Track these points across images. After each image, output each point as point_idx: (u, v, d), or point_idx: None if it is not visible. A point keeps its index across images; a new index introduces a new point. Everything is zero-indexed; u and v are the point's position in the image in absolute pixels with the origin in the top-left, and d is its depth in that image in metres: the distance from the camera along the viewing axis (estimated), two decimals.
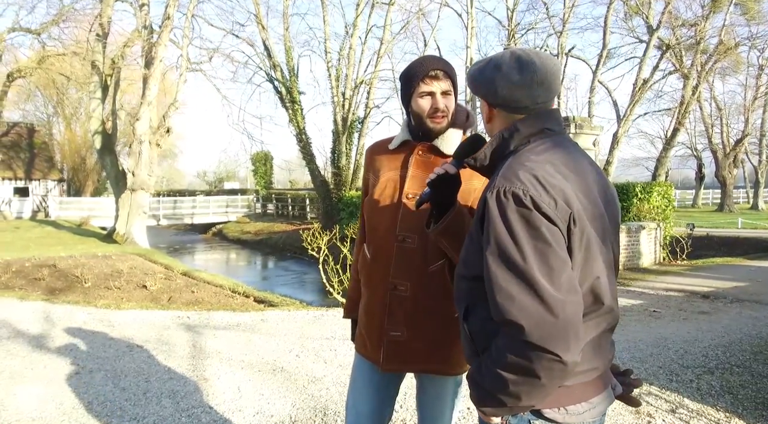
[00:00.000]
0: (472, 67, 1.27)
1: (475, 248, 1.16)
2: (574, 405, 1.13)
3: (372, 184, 1.78)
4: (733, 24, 21.16)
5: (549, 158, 1.12)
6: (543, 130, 1.19)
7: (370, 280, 1.72)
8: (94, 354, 4.26)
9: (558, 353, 1.00)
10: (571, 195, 1.08)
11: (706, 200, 35.01)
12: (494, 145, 1.21)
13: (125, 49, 16.47)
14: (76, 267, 9.35)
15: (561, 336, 1.00)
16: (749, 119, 27.05)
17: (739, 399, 3.35)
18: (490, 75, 1.19)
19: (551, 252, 1.02)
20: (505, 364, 1.04)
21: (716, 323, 5.33)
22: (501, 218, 1.05)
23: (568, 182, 1.09)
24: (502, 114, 1.22)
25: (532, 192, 1.05)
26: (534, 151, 1.14)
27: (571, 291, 1.02)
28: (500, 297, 1.03)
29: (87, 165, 34.13)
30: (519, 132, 1.18)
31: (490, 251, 1.06)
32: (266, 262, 19.09)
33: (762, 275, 8.34)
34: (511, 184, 1.07)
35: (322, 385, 3.57)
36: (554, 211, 1.05)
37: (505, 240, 1.04)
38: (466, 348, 1.23)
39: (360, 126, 18.42)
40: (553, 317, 0.99)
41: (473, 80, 1.23)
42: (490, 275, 1.06)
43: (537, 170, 1.08)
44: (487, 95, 1.21)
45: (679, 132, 20.50)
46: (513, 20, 19.47)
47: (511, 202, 1.05)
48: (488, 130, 1.29)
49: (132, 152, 14.58)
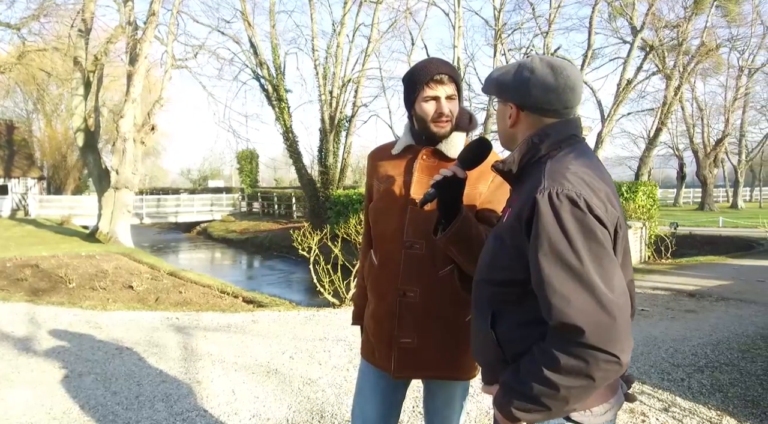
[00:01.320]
0: (497, 72, 1.26)
1: (508, 252, 1.15)
2: (598, 406, 1.16)
3: (376, 189, 1.76)
4: (715, 26, 21.55)
5: (586, 164, 1.13)
6: (571, 136, 1.21)
7: (378, 287, 1.70)
8: (82, 357, 4.18)
9: (616, 354, 1.01)
10: (614, 200, 1.11)
11: (687, 199, 35.61)
12: (524, 150, 1.21)
13: (109, 45, 16.16)
14: (59, 267, 9.17)
15: (618, 338, 1.01)
16: (729, 120, 27.54)
17: (729, 397, 3.41)
18: (524, 77, 1.20)
19: (605, 254, 1.04)
20: (558, 367, 1.03)
21: (703, 321, 5.42)
22: (555, 220, 1.05)
23: (608, 188, 1.11)
24: (531, 117, 1.22)
25: (585, 195, 1.06)
26: (570, 156, 1.15)
27: (623, 293, 1.04)
28: (556, 299, 1.03)
29: (68, 163, 33.55)
30: (549, 137, 1.19)
31: (542, 253, 1.05)
32: (252, 261, 18.93)
33: (744, 274, 8.50)
34: (563, 187, 1.07)
35: (317, 387, 3.55)
36: (605, 214, 1.07)
37: (560, 241, 1.03)
38: (488, 353, 1.22)
39: (347, 124, 18.35)
40: (611, 318, 1.00)
41: (499, 83, 1.23)
42: (543, 277, 1.05)
43: (584, 174, 1.10)
44: (517, 97, 1.21)
45: (662, 132, 20.82)
46: (500, 20, 19.55)
47: (565, 203, 1.05)
48: (507, 135, 1.29)
49: (116, 150, 14.34)
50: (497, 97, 1.26)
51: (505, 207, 1.27)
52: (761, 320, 5.44)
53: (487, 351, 1.22)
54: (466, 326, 1.57)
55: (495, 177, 1.66)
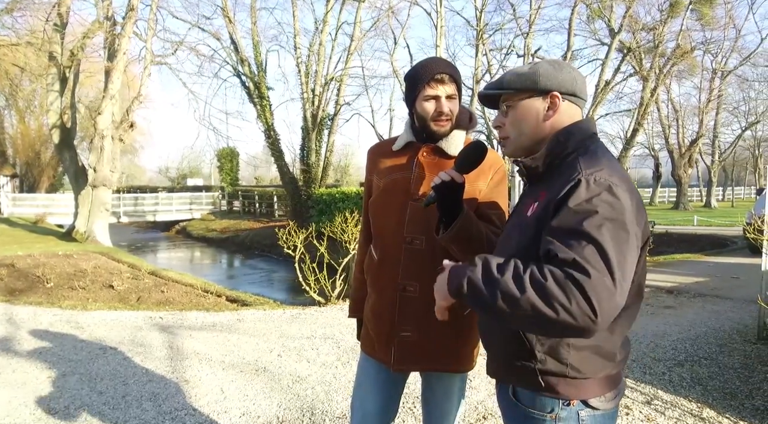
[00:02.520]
0: (532, 67, 1.29)
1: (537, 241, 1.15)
2: (610, 391, 1.22)
3: (376, 185, 1.78)
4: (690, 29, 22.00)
5: (618, 167, 1.17)
6: (593, 135, 1.26)
7: (379, 281, 1.72)
8: (65, 357, 4.11)
9: (597, 317, 0.96)
10: (639, 197, 1.14)
11: (662, 198, 36.39)
12: (551, 147, 1.24)
13: (85, 41, 15.83)
14: (36, 267, 8.97)
15: (609, 310, 0.98)
16: (703, 121, 28.18)
17: (709, 390, 3.51)
18: (567, 68, 1.27)
19: (629, 243, 1.04)
20: (542, 285, 0.98)
21: (682, 317, 5.56)
22: (590, 200, 1.06)
23: (637, 194, 1.16)
24: (571, 107, 1.28)
25: (620, 186, 1.09)
26: (602, 154, 1.19)
27: (627, 287, 1.04)
28: (575, 245, 1.01)
29: (42, 160, 32.74)
30: (574, 135, 1.23)
31: (571, 224, 1.04)
32: (232, 260, 18.76)
33: (719, 271, 8.75)
34: (601, 175, 1.10)
35: (307, 384, 3.55)
36: (635, 208, 1.10)
37: (590, 218, 1.04)
38: (509, 345, 1.24)
39: (330, 123, 18.27)
40: (614, 288, 0.98)
41: (538, 75, 1.25)
42: (563, 236, 1.04)
43: (618, 170, 1.14)
44: (566, 85, 1.25)
45: (638, 132, 21.18)
46: (481, 20, 19.67)
47: (603, 189, 1.08)
48: (536, 133, 1.29)
49: (93, 147, 14.06)
50: (534, 90, 1.26)
51: (528, 200, 1.26)
52: (737, 315, 5.61)
53: (509, 342, 1.23)
54: (465, 318, 1.60)
55: (494, 174, 1.69)
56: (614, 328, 1.19)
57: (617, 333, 1.21)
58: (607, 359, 1.20)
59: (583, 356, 1.18)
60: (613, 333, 1.20)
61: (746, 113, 31.94)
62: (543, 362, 1.19)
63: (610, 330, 1.19)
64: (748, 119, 31.47)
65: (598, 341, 1.18)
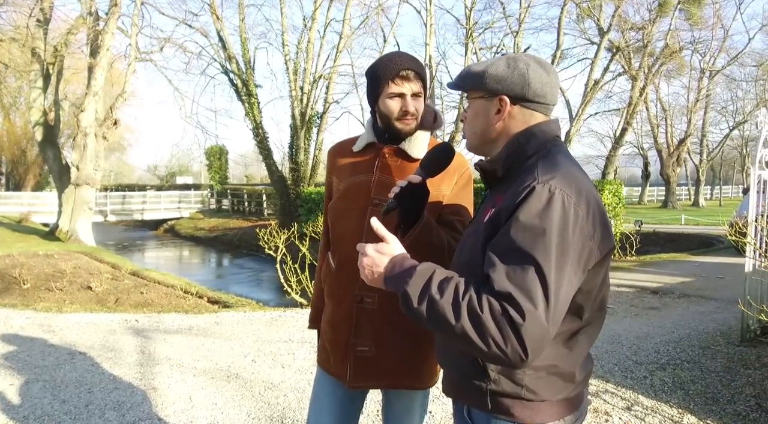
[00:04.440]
0: (479, 66, 1.18)
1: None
2: (570, 414, 1.12)
3: (336, 188, 1.68)
4: (678, 29, 22.10)
5: (579, 172, 1.08)
6: (555, 138, 1.16)
7: (335, 291, 1.62)
8: (31, 363, 3.97)
9: (525, 358, 0.93)
10: (600, 207, 1.06)
11: (651, 197, 36.57)
12: (510, 150, 1.14)
13: (69, 37, 15.56)
14: (14, 267, 8.77)
15: (541, 346, 0.95)
16: (691, 120, 28.33)
17: (690, 394, 3.45)
18: (521, 68, 1.13)
19: (575, 264, 0.99)
20: (476, 318, 0.95)
21: (665, 318, 5.51)
22: (540, 214, 0.98)
23: (600, 202, 1.08)
24: (524, 112, 1.15)
25: (576, 197, 1.01)
26: (560, 159, 1.09)
27: (561, 312, 0.99)
28: (513, 280, 0.96)
29: (27, 158, 32.32)
30: (535, 138, 1.13)
31: (516, 241, 0.98)
32: (221, 259, 18.60)
33: (705, 270, 8.73)
34: (556, 184, 1.01)
35: (279, 391, 3.44)
36: (592, 221, 1.02)
37: (536, 238, 0.97)
38: (463, 363, 1.16)
39: (319, 121, 18.14)
40: (548, 330, 0.95)
41: (492, 75, 1.14)
42: (506, 256, 0.98)
43: (577, 178, 1.06)
44: (515, 89, 1.13)
45: (627, 131, 21.27)
46: (471, 19, 19.61)
47: (557, 201, 0.99)
48: (486, 134, 1.19)
49: (76, 145, 13.83)
50: (484, 91, 1.16)
51: (487, 205, 1.18)
52: (721, 316, 5.57)
53: (461, 361, 1.15)
54: (425, 333, 1.50)
55: (459, 178, 1.60)
56: (573, 346, 1.10)
57: (577, 352, 1.12)
58: (565, 380, 1.11)
59: (540, 376, 1.08)
60: (572, 351, 1.10)
61: (734, 113, 32.17)
62: (497, 383, 1.10)
63: (568, 348, 1.09)
64: (735, 119, 31.68)
65: (556, 361, 1.08)
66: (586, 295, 1.07)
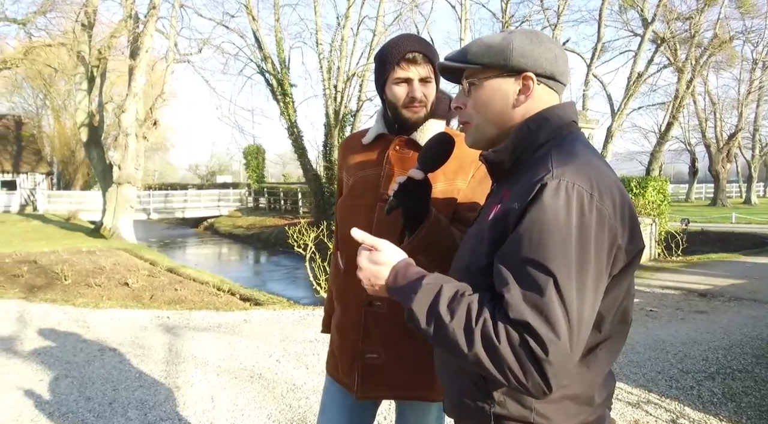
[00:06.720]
0: (501, 37, 1.01)
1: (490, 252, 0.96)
2: None
3: (345, 184, 1.57)
4: (728, 17, 21.06)
5: (600, 163, 0.93)
6: (571, 123, 1.01)
7: (344, 294, 1.51)
8: (63, 359, 4.03)
9: (548, 391, 0.83)
10: (627, 203, 0.90)
11: (699, 195, 35.03)
12: (519, 138, 0.99)
13: (112, 40, 16.08)
14: (57, 263, 9.07)
15: (565, 374, 0.83)
16: (743, 114, 26.95)
17: (743, 407, 3.18)
18: (534, 42, 0.98)
19: (598, 273, 0.85)
20: (492, 348, 0.83)
21: (715, 323, 5.16)
22: (556, 216, 0.84)
23: (625, 194, 0.92)
24: (545, 91, 1.01)
25: (598, 193, 0.86)
26: (577, 147, 0.94)
27: (586, 332, 0.85)
28: (530, 303, 0.83)
29: (77, 158, 33.66)
30: (549, 123, 0.98)
31: (530, 250, 0.85)
32: (258, 256, 18.85)
33: (758, 272, 8.20)
34: (574, 179, 0.86)
35: (301, 393, 3.36)
36: (619, 219, 0.88)
37: (552, 246, 0.83)
38: (462, 380, 1.02)
39: (352, 119, 18.13)
40: (571, 355, 0.83)
41: (518, 49, 0.98)
42: (519, 270, 0.85)
43: (598, 169, 0.91)
44: (544, 65, 0.98)
45: (673, 126, 20.41)
46: (507, 12, 19.20)
47: (575, 200, 0.85)
48: (502, 120, 1.02)
49: (118, 145, 14.26)
50: (504, 68, 0.99)
51: (490, 202, 1.05)
52: None
53: (461, 378, 1.01)
54: None
55: (476, 171, 1.45)
56: (591, 363, 0.94)
57: (595, 370, 0.95)
58: (582, 403, 0.95)
59: (552, 399, 0.92)
60: (590, 369, 0.94)
61: None
62: (502, 405, 0.95)
63: (585, 365, 0.93)
64: None
65: (572, 381, 0.92)
66: (608, 304, 0.91)
